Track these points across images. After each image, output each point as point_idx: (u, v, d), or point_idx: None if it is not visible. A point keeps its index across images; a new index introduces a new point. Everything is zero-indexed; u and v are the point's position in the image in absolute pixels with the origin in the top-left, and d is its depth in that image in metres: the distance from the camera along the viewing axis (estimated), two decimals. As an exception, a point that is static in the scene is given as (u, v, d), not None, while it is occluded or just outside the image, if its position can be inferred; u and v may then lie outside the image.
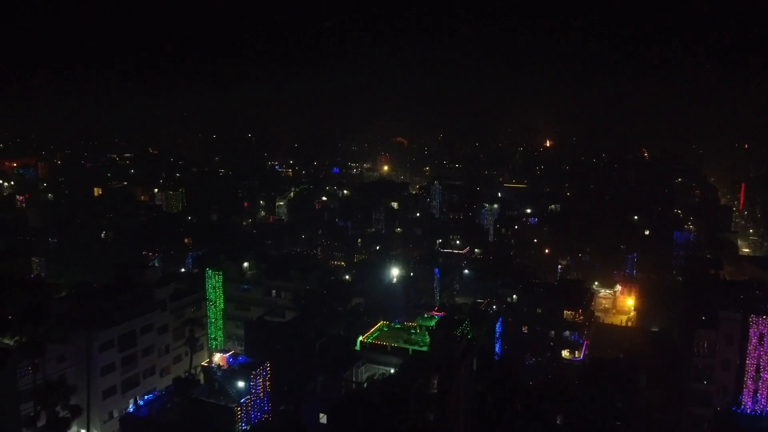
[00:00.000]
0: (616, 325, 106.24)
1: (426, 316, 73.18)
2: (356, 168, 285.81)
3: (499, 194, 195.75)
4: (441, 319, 66.96)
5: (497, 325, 77.05)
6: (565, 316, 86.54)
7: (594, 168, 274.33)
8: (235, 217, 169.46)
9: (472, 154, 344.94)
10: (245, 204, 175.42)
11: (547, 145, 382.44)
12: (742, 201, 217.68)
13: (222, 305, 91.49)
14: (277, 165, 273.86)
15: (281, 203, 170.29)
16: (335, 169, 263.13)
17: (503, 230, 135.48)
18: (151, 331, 71.92)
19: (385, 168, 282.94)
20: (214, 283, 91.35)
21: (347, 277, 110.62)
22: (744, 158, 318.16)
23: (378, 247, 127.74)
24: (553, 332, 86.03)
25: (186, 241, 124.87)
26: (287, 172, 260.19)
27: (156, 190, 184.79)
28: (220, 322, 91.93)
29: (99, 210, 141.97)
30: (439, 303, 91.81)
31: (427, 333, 66.36)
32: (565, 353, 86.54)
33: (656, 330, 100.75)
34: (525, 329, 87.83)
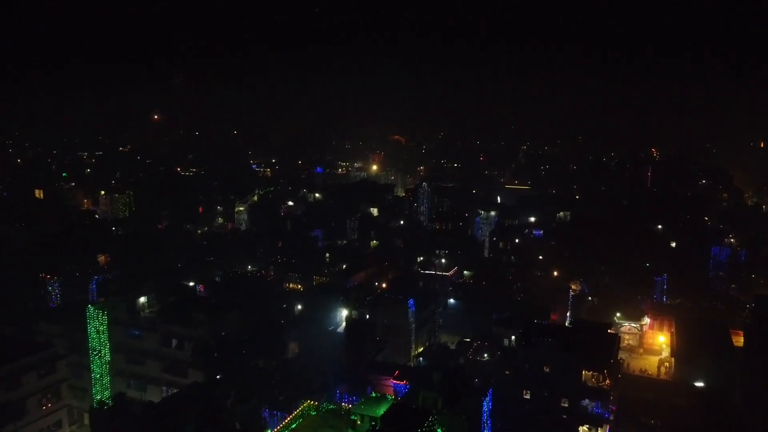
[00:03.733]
0: (648, 378, 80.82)
1: (374, 395, 47.77)
2: (342, 167, 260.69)
3: (498, 199, 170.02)
4: (390, 411, 41.63)
5: (485, 402, 51.67)
6: (583, 378, 61.28)
7: (605, 168, 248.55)
8: (189, 225, 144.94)
9: (471, 153, 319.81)
10: (200, 209, 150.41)
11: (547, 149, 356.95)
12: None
13: (108, 356, 66.63)
14: (255, 164, 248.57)
15: (241, 208, 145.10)
16: (318, 169, 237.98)
17: (501, 244, 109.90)
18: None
19: (374, 167, 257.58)
20: (97, 325, 66.46)
21: (299, 307, 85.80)
22: (764, 157, 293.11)
23: (345, 266, 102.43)
24: (566, 402, 60.80)
25: (101, 259, 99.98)
26: (265, 171, 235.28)
27: (102, 192, 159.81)
28: (107, 379, 67.05)
29: (11, 217, 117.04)
30: (404, 363, 66.64)
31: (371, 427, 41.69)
32: (583, 430, 61.36)
33: (703, 386, 75.28)
34: (527, 395, 62.61)
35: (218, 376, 59.88)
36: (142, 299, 67.71)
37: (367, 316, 70.43)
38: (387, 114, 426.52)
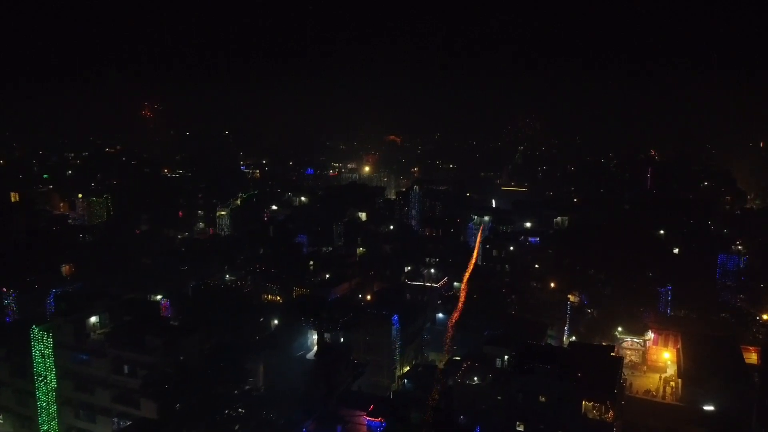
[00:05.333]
0: (653, 402, 74.07)
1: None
2: (335, 169, 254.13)
3: (494, 202, 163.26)
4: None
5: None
6: (584, 410, 54.82)
7: (604, 169, 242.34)
8: (169, 230, 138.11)
9: (468, 153, 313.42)
10: (180, 213, 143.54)
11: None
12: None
13: (54, 383, 60.02)
14: (244, 165, 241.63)
15: (223, 213, 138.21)
16: (309, 170, 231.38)
17: (494, 252, 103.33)
18: None
19: (366, 169, 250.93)
20: (42, 348, 59.87)
21: (275, 321, 79.32)
22: (766, 158, 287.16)
23: (327, 277, 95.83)
24: (564, 436, 54.27)
25: (65, 269, 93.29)
26: (255, 173, 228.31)
27: (80, 195, 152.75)
28: (53, 408, 60.48)
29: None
30: (388, 383, 59.93)
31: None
32: (583, 467, 54.86)
33: (714, 410, 68.72)
34: (520, 427, 56.08)
35: (176, 406, 53.41)
36: (93, 319, 61.08)
37: (342, 340, 63.65)
38: (383, 114, 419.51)
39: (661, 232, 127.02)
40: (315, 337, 61.53)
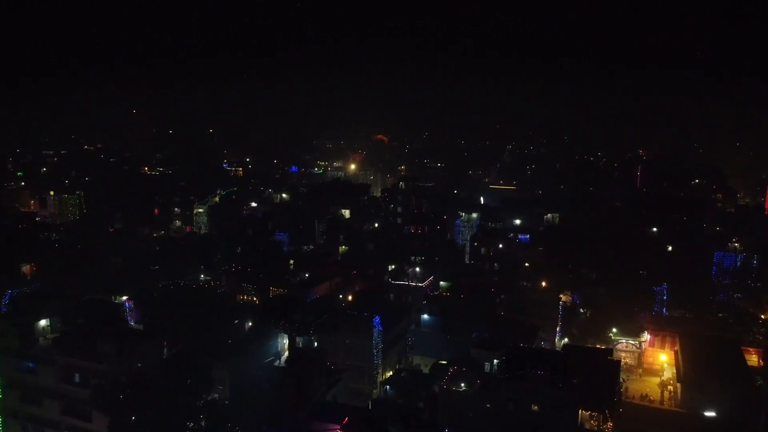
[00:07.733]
0: (651, 408, 69.80)
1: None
2: (320, 167, 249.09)
3: (482, 199, 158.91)
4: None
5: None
6: (580, 420, 50.24)
7: (593, 167, 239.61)
8: (144, 228, 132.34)
9: (456, 152, 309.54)
10: (156, 211, 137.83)
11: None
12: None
13: (-1, 393, 54.49)
14: (226, 163, 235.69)
15: (201, 210, 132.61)
16: (293, 168, 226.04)
17: (483, 250, 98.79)
18: None
19: (353, 167, 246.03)
20: (-15, 355, 54.29)
21: (250, 324, 74.21)
22: (754, 157, 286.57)
23: (306, 276, 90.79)
24: (559, 449, 49.62)
25: (26, 268, 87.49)
26: (237, 171, 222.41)
27: (52, 193, 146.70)
28: (-2, 421, 54.88)
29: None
30: (356, 406, 54.94)
31: None
32: (579, 482, 50.30)
33: (716, 416, 64.60)
34: (511, 439, 51.33)
35: (130, 419, 48.12)
36: (44, 322, 55.56)
37: (316, 344, 58.58)
38: (372, 113, 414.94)
39: (654, 229, 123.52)
40: (286, 341, 56.63)
